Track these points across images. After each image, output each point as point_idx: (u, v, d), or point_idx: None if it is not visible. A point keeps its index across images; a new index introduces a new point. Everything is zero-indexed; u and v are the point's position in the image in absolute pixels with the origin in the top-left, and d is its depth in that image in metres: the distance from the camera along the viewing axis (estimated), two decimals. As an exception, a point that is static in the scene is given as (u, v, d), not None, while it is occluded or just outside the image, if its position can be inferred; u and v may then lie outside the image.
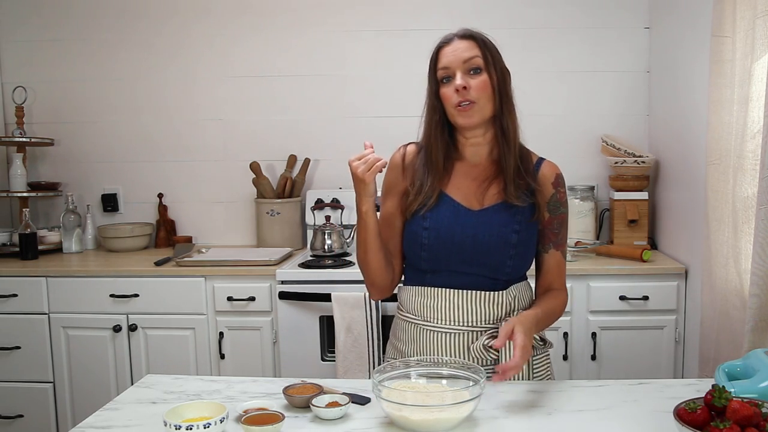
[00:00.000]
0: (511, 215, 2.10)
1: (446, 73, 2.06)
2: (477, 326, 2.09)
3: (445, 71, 2.06)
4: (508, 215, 2.10)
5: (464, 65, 2.05)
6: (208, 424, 1.61)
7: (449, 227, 2.08)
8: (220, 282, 3.66)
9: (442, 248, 2.08)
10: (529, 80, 4.20)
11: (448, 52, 2.07)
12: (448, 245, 2.07)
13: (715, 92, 2.74)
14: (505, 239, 2.08)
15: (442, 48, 2.09)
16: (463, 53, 2.05)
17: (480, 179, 2.15)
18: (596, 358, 3.52)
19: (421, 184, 2.13)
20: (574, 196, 4.02)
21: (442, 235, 2.08)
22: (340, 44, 4.31)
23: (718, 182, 2.73)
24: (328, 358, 3.58)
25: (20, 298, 3.73)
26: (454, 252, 2.07)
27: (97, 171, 4.51)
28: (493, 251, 2.07)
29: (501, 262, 2.09)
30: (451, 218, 2.09)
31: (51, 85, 4.49)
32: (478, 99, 2.05)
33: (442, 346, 2.10)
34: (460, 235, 2.07)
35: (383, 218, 2.20)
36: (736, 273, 2.63)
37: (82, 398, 3.75)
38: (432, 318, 2.11)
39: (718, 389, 1.52)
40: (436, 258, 2.09)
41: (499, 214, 2.10)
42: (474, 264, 2.08)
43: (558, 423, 1.73)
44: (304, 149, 4.32)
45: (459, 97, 2.03)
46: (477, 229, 2.08)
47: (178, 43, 4.40)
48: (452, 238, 2.07)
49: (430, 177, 2.13)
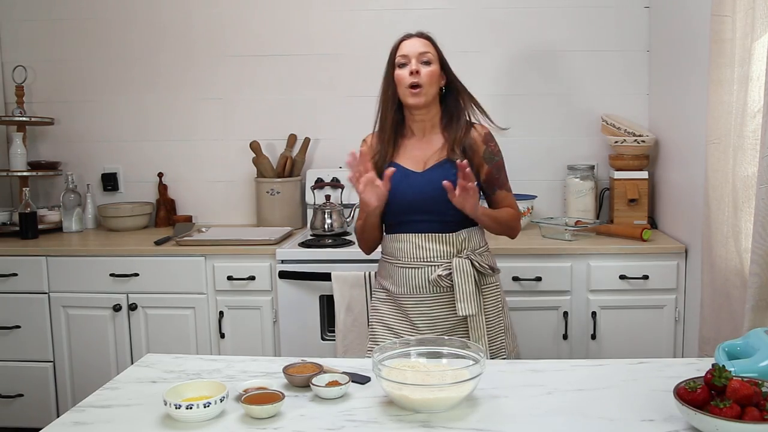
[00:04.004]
0: (448, 169, 2.54)
1: (404, 60, 2.60)
2: (434, 261, 2.58)
3: (403, 58, 2.60)
4: (448, 169, 2.54)
5: (419, 56, 2.58)
6: (208, 404, 1.62)
7: (401, 188, 2.57)
8: (220, 261, 3.66)
9: (397, 204, 2.58)
10: (529, 59, 4.19)
11: (408, 44, 2.62)
12: (402, 202, 2.59)
13: (715, 71, 2.73)
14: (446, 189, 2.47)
15: (403, 41, 2.64)
16: (419, 47, 2.60)
17: (424, 148, 2.66)
18: (596, 337, 3.53)
19: (379, 157, 2.66)
20: (575, 175, 4.02)
21: (397, 195, 2.56)
22: (340, 23, 4.29)
23: (718, 161, 2.73)
24: (328, 337, 3.59)
25: (20, 277, 3.73)
26: (406, 206, 2.59)
27: (97, 150, 4.50)
28: (438, 200, 2.51)
29: (445, 207, 2.49)
30: (402, 180, 2.58)
31: (51, 65, 4.47)
32: (425, 84, 2.56)
33: (411, 278, 2.59)
34: (410, 193, 2.58)
35: None
36: (736, 252, 2.63)
37: (82, 377, 3.76)
38: (401, 257, 2.62)
39: (718, 368, 1.53)
40: (395, 213, 2.62)
41: (439, 170, 2.57)
42: (424, 213, 2.58)
43: (558, 402, 1.74)
44: (304, 128, 4.31)
45: (411, 79, 2.55)
46: (423, 186, 2.57)
47: (178, 22, 4.37)
48: (404, 196, 2.58)
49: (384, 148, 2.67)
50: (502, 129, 2.83)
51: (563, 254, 3.51)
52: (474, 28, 4.20)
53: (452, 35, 4.15)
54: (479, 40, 4.20)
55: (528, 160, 4.22)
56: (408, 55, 2.58)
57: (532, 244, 3.62)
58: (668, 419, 1.59)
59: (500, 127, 2.80)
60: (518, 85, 4.23)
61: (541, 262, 3.52)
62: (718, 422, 1.42)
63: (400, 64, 2.60)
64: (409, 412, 1.67)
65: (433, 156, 2.63)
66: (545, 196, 4.22)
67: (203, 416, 1.63)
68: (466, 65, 4.22)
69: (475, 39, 4.20)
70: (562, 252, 3.51)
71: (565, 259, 3.51)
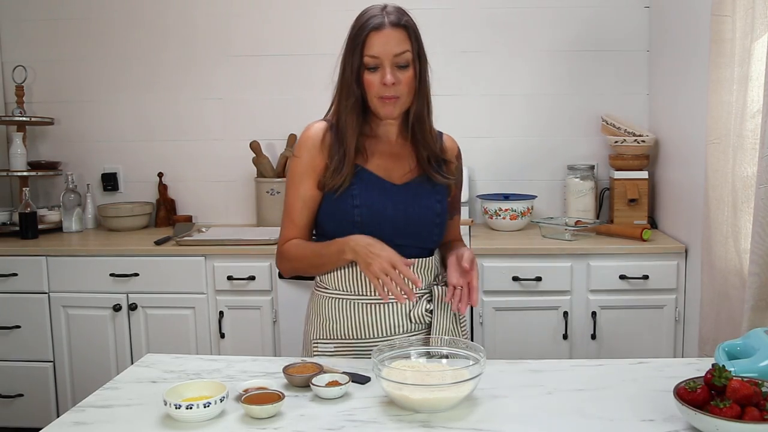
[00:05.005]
0: (431, 186, 2.18)
1: (374, 62, 2.05)
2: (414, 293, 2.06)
3: (373, 60, 2.05)
4: (430, 186, 2.18)
5: (394, 59, 2.04)
6: (208, 404, 1.62)
7: (380, 203, 2.11)
8: (220, 261, 3.66)
9: (375, 224, 2.09)
10: (529, 59, 4.19)
11: (379, 41, 2.04)
12: (381, 220, 2.10)
13: (715, 71, 2.73)
14: (432, 209, 2.17)
15: (373, 33, 2.05)
16: (395, 47, 2.03)
17: (396, 155, 2.19)
18: (596, 337, 3.53)
19: (339, 161, 2.12)
20: (575, 175, 4.02)
21: (375, 211, 2.10)
22: (340, 23, 4.26)
23: (718, 161, 2.73)
24: (328, 337, 3.59)
25: (20, 277, 3.73)
26: (387, 227, 2.10)
27: (97, 150, 4.50)
28: (423, 222, 2.15)
29: (429, 232, 2.17)
30: (380, 193, 2.12)
31: (51, 64, 4.47)
32: (402, 94, 2.07)
33: (382, 317, 2.12)
34: (392, 209, 2.11)
35: (304, 200, 2.17)
36: (735, 252, 2.63)
37: (82, 377, 3.76)
38: (365, 291, 2.12)
39: (718, 368, 1.53)
40: (369, 234, 2.06)
41: (422, 186, 2.17)
42: (406, 236, 2.12)
43: (558, 402, 1.74)
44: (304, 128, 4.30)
45: (385, 91, 2.05)
46: (407, 203, 2.13)
47: (179, 22, 4.38)
48: (384, 214, 2.10)
49: (347, 155, 2.11)
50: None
51: (563, 254, 3.51)
52: (474, 28, 4.20)
53: (452, 35, 4.18)
54: (479, 40, 4.20)
55: (528, 160, 4.23)
56: (379, 57, 2.03)
57: (532, 244, 3.62)
58: (668, 419, 1.59)
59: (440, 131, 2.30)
60: (518, 85, 4.23)
61: (541, 262, 3.52)
62: (718, 422, 1.42)
63: (369, 66, 2.06)
64: (409, 412, 1.67)
65: (410, 168, 2.18)
66: (545, 196, 4.22)
67: (203, 416, 1.62)
68: (466, 65, 4.25)
69: (475, 39, 4.20)
70: (562, 252, 3.51)
71: (565, 259, 3.51)
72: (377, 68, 2.05)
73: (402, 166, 2.18)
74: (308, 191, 2.17)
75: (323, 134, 2.19)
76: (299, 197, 2.17)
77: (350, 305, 2.15)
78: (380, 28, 2.04)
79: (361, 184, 2.12)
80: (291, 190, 2.20)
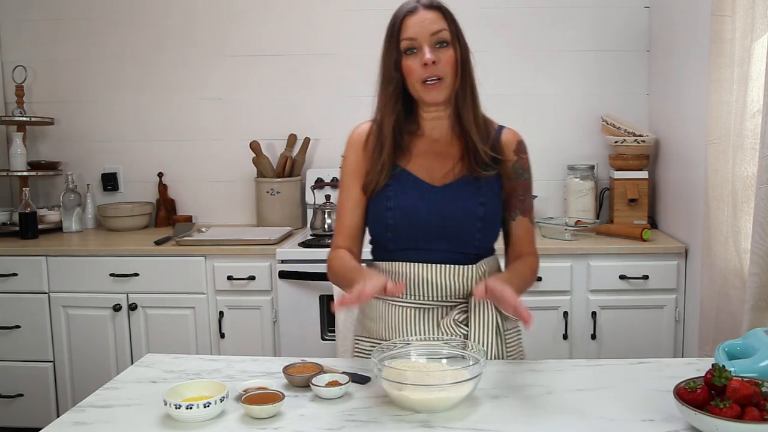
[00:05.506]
0: (476, 188, 2.05)
1: (411, 45, 1.97)
2: (447, 301, 2.05)
3: (410, 42, 1.97)
4: (474, 188, 2.05)
5: (432, 38, 1.96)
6: (208, 404, 1.61)
7: (414, 206, 2.03)
8: (220, 261, 3.66)
9: (408, 228, 2.03)
10: (529, 59, 4.19)
11: (414, 22, 1.97)
12: (414, 224, 2.03)
13: (715, 71, 2.73)
14: (472, 212, 2.03)
15: (407, 17, 1.98)
16: (430, 25, 1.96)
17: (442, 154, 2.09)
18: (596, 337, 3.53)
19: (377, 159, 2.06)
20: (575, 175, 4.02)
21: (408, 214, 2.03)
22: (340, 23, 4.29)
23: (718, 161, 2.73)
24: (328, 337, 3.59)
25: (20, 277, 3.74)
26: (421, 230, 2.03)
27: (97, 150, 4.50)
28: (460, 226, 2.02)
29: (469, 236, 2.04)
30: (415, 196, 2.04)
31: (51, 64, 4.47)
32: (446, 75, 1.98)
33: (413, 321, 2.06)
34: (425, 213, 2.02)
35: (353, 202, 2.13)
36: (735, 252, 2.63)
37: (82, 377, 3.76)
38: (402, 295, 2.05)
39: (718, 368, 1.53)
40: (403, 238, 2.04)
41: (464, 188, 2.05)
42: (442, 240, 2.03)
43: (558, 402, 1.74)
44: (304, 128, 4.31)
45: (427, 72, 1.95)
46: (443, 205, 2.02)
47: (178, 22, 4.38)
48: (418, 217, 2.02)
49: (385, 153, 2.05)
50: None
51: (563, 254, 3.51)
52: (474, 28, 4.18)
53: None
54: (479, 40, 4.18)
55: (528, 160, 4.22)
56: (416, 38, 1.95)
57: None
58: (668, 419, 1.59)
59: None
60: (518, 85, 4.22)
61: (541, 261, 3.50)
62: (718, 422, 1.42)
63: (407, 49, 1.97)
64: (409, 412, 1.67)
65: (454, 166, 2.07)
66: (545, 196, 4.21)
67: (203, 416, 1.62)
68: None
69: (474, 39, 4.18)
70: (562, 252, 3.51)
71: (565, 259, 3.51)
72: (416, 52, 1.97)
73: (446, 166, 2.07)
74: (357, 192, 2.13)
75: (367, 135, 2.13)
76: (349, 197, 2.13)
77: (387, 306, 2.10)
78: (414, 11, 1.98)
79: (397, 186, 2.06)
80: (342, 192, 2.16)
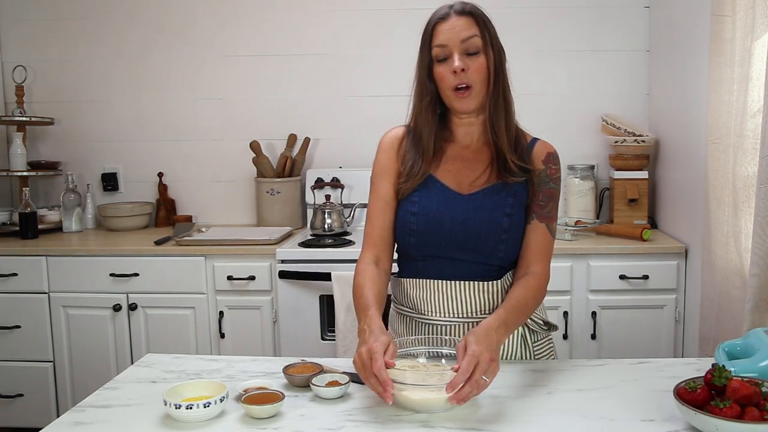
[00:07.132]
0: (502, 198, 2.02)
1: (443, 52, 1.96)
2: (473, 317, 2.02)
3: (441, 50, 1.96)
4: (500, 198, 2.02)
5: (462, 45, 1.94)
6: (208, 404, 1.61)
7: (438, 212, 2.01)
8: (220, 261, 3.66)
9: (431, 234, 2.01)
10: (529, 60, 4.19)
11: (445, 29, 1.95)
12: (437, 231, 2.01)
13: (715, 71, 2.73)
14: (497, 223, 2.00)
15: (439, 24, 1.97)
16: (461, 32, 1.94)
17: (471, 161, 2.08)
18: (596, 337, 3.53)
19: (412, 167, 2.06)
20: (575, 175, 4.02)
21: (431, 220, 2.01)
22: (340, 23, 4.29)
23: (718, 161, 2.73)
24: (328, 337, 3.59)
25: (20, 277, 3.73)
26: (444, 237, 2.01)
27: (97, 150, 4.51)
28: (484, 236, 2.00)
29: (493, 247, 2.01)
30: (440, 203, 2.02)
31: (51, 64, 4.47)
32: (475, 83, 1.96)
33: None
34: (449, 220, 2.00)
35: (383, 199, 2.11)
36: (736, 252, 2.63)
37: (82, 377, 3.76)
38: (426, 311, 2.05)
39: (718, 368, 1.53)
40: (425, 244, 2.03)
41: (491, 197, 2.02)
42: (465, 249, 2.01)
43: (558, 402, 1.74)
44: (304, 128, 4.31)
45: (456, 79, 1.94)
46: (468, 213, 2.00)
47: (178, 22, 4.38)
48: (441, 224, 2.00)
49: (421, 160, 2.05)
50: None
51: (563, 254, 3.50)
52: (474, 28, 4.20)
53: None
54: (479, 40, 4.20)
55: (528, 160, 4.22)
56: (447, 45, 1.94)
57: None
58: (668, 419, 1.59)
59: None
60: (518, 84, 4.19)
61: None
62: (718, 422, 1.42)
63: (438, 57, 1.96)
64: (409, 412, 1.67)
65: (482, 174, 2.05)
66: (545, 196, 4.21)
67: (203, 416, 1.62)
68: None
69: (475, 39, 4.19)
70: (562, 252, 3.50)
71: (565, 259, 3.51)
72: (447, 59, 1.96)
73: (474, 173, 2.06)
74: (388, 192, 2.11)
75: (401, 139, 2.13)
76: (379, 198, 2.11)
77: (410, 322, 2.11)
78: (446, 17, 1.97)
79: (423, 191, 2.05)
80: (372, 194, 2.14)
